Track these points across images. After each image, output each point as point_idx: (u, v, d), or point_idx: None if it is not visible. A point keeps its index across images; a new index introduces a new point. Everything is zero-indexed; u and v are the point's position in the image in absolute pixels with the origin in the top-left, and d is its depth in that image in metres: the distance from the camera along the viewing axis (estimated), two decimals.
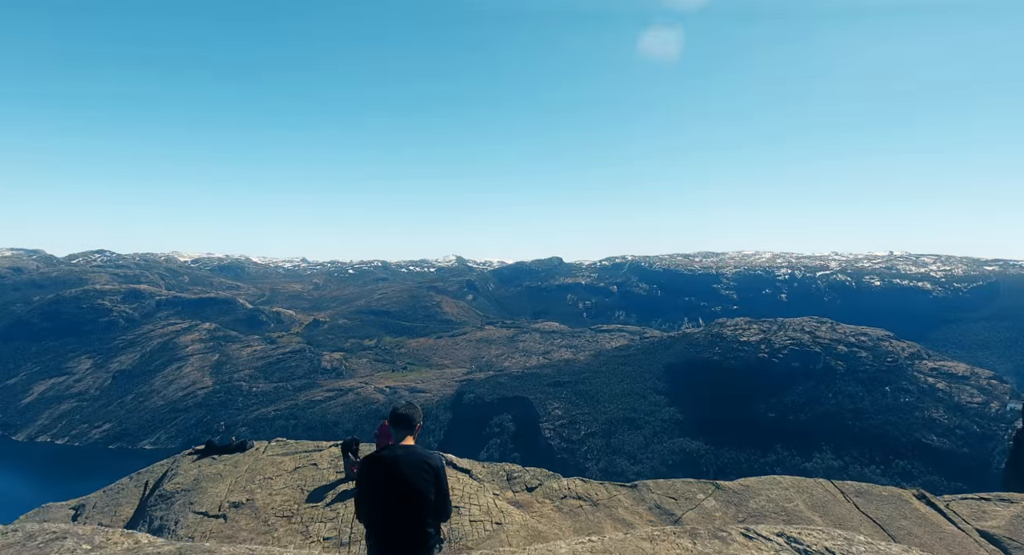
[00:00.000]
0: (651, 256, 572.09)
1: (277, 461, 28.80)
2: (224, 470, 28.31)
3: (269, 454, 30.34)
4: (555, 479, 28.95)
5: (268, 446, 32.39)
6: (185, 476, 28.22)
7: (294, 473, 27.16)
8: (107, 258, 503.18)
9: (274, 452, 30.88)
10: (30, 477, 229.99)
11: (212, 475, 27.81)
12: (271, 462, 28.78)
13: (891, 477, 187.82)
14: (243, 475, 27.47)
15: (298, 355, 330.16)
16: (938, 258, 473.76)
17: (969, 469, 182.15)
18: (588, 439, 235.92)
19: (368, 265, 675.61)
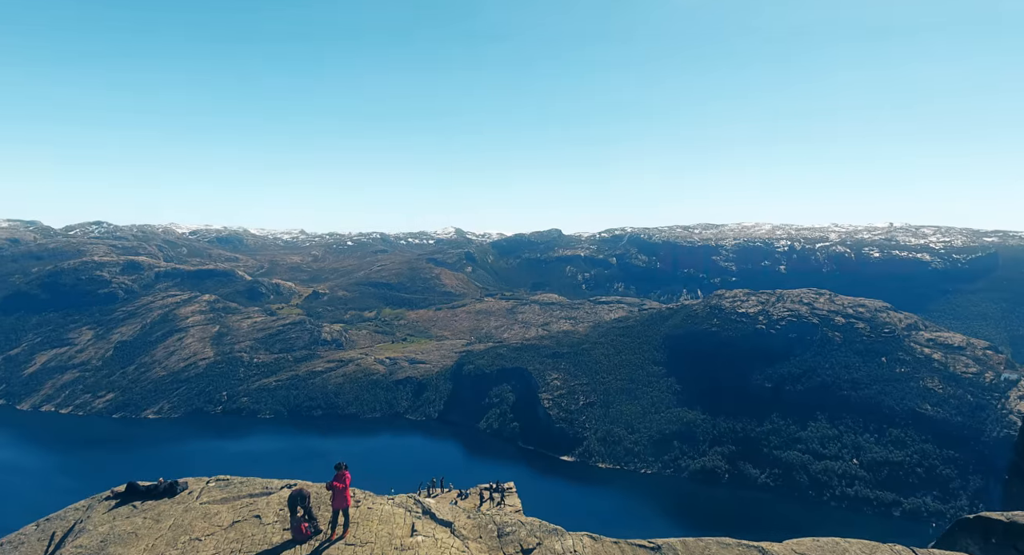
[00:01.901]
0: (650, 228, 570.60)
1: (212, 512, 23.69)
2: (143, 526, 22.69)
3: (204, 500, 25.13)
4: (558, 537, 22.89)
5: (205, 488, 26.69)
6: (92, 535, 22.22)
7: (231, 530, 22.11)
8: (104, 229, 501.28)
9: (210, 498, 25.38)
10: (38, 447, 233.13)
11: (125, 535, 22.06)
12: (204, 514, 23.62)
13: (884, 445, 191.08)
14: (164, 535, 22.04)
15: (298, 326, 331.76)
16: (938, 229, 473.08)
17: (962, 438, 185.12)
18: (587, 409, 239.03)
19: (367, 237, 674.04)
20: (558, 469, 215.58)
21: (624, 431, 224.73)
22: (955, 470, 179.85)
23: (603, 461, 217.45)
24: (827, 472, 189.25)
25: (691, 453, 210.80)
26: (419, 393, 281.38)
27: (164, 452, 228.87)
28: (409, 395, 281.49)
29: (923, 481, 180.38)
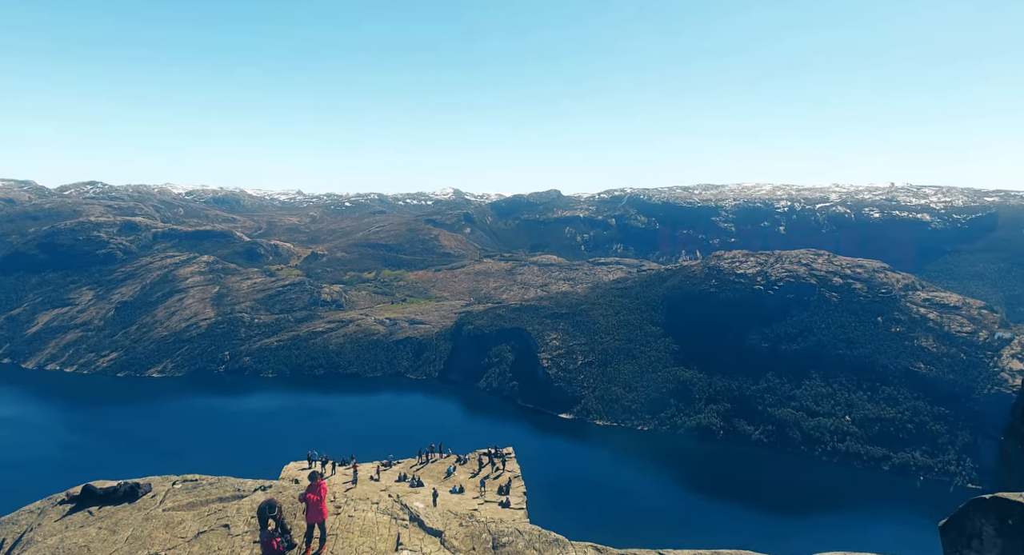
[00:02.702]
0: (650, 189, 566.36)
1: (175, 520, 21.09)
2: (96, 538, 20.09)
3: (168, 506, 22.40)
4: (559, 548, 20.69)
5: (170, 490, 23.75)
6: (39, 549, 19.81)
7: (195, 543, 19.73)
8: (100, 190, 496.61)
9: (176, 502, 22.64)
10: (46, 405, 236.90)
11: (75, 550, 19.49)
12: (166, 522, 20.94)
13: (876, 403, 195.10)
14: (120, 549, 19.46)
15: (298, 287, 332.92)
16: (939, 189, 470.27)
17: (953, 395, 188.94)
18: (585, 368, 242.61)
19: (365, 198, 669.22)
20: (557, 426, 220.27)
21: (622, 390, 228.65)
22: (944, 426, 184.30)
23: (601, 418, 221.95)
24: (819, 428, 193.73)
25: (687, 411, 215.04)
26: (419, 353, 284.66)
27: (169, 409, 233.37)
28: (409, 355, 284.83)
29: (913, 437, 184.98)
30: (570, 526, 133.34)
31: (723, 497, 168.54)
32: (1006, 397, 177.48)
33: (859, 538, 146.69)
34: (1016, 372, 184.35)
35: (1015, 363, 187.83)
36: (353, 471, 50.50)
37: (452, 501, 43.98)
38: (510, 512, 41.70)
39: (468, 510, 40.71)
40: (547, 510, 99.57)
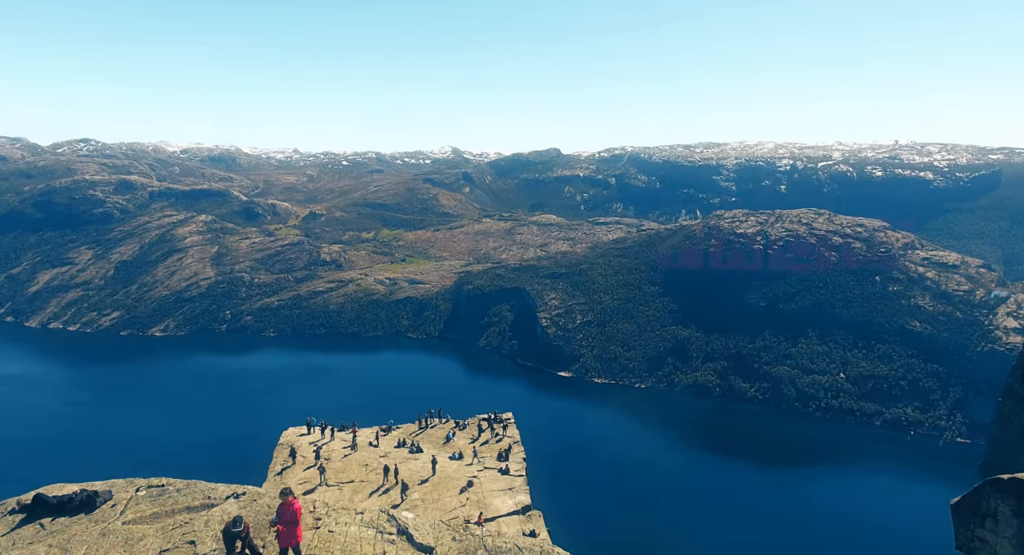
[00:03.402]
0: (651, 147, 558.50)
1: (135, 536, 18.66)
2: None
3: (129, 517, 19.88)
4: None
5: (133, 499, 21.16)
6: None
7: None
8: (93, 147, 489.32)
9: (137, 514, 20.10)
10: (52, 362, 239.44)
11: None
12: (126, 538, 18.47)
13: (871, 360, 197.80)
14: None
15: (297, 247, 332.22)
16: (943, 147, 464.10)
17: (947, 352, 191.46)
18: (583, 328, 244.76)
19: (362, 156, 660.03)
20: (556, 384, 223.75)
21: (620, 348, 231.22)
22: (937, 382, 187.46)
23: (599, 376, 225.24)
24: (814, 385, 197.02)
25: (684, 369, 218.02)
26: (419, 313, 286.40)
27: (173, 367, 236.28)
28: (410, 314, 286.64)
29: (905, 393, 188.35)
30: (568, 491, 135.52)
31: (718, 452, 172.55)
32: (999, 354, 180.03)
33: (849, 490, 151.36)
34: (1010, 330, 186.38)
35: (1009, 321, 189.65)
36: (352, 437, 50.03)
37: (451, 468, 44.03)
38: (509, 479, 41.81)
39: (467, 477, 41.25)
40: (546, 475, 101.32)
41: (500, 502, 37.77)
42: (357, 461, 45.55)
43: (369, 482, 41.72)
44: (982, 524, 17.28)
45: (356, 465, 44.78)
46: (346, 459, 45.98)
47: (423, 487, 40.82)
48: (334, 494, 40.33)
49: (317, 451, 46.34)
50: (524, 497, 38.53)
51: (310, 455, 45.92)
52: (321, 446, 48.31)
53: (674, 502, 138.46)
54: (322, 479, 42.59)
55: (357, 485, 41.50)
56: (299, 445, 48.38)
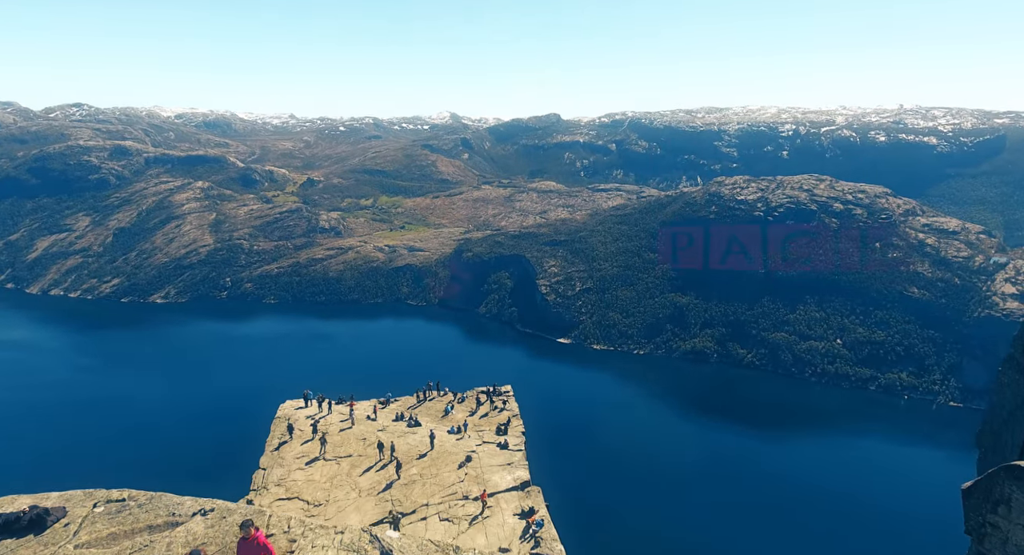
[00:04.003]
0: (652, 112, 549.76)
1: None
2: None
3: (83, 539, 17.79)
4: None
5: (89, 516, 18.99)
6: None
7: None
8: (86, 112, 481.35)
9: (92, 535, 18.00)
10: (54, 329, 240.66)
11: None
12: None
13: (868, 326, 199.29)
14: None
15: (295, 214, 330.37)
16: (949, 111, 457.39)
17: (943, 318, 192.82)
18: (583, 295, 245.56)
19: (359, 122, 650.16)
20: (555, 351, 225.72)
21: (619, 315, 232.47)
22: (932, 348, 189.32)
23: (598, 343, 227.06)
24: (811, 351, 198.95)
25: (682, 335, 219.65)
26: (419, 280, 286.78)
27: (175, 333, 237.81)
28: (409, 281, 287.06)
29: (901, 358, 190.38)
30: (567, 463, 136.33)
31: (715, 418, 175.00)
32: (995, 320, 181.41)
33: (841, 452, 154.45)
34: (1007, 296, 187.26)
35: (1007, 287, 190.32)
36: (350, 410, 49.35)
37: (450, 442, 43.67)
38: (508, 454, 41.58)
39: (466, 451, 40.89)
40: (545, 446, 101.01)
41: (499, 478, 37.72)
42: (355, 435, 45.34)
43: (367, 457, 41.68)
44: (994, 510, 17.04)
45: (354, 439, 44.68)
46: (343, 433, 45.69)
47: (421, 462, 40.52)
48: (332, 469, 40.44)
49: (315, 425, 46.01)
50: (523, 473, 38.53)
51: (307, 429, 45.77)
52: (318, 420, 47.94)
53: (672, 470, 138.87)
54: (322, 451, 42.48)
55: (355, 459, 41.44)
56: (296, 419, 47.99)
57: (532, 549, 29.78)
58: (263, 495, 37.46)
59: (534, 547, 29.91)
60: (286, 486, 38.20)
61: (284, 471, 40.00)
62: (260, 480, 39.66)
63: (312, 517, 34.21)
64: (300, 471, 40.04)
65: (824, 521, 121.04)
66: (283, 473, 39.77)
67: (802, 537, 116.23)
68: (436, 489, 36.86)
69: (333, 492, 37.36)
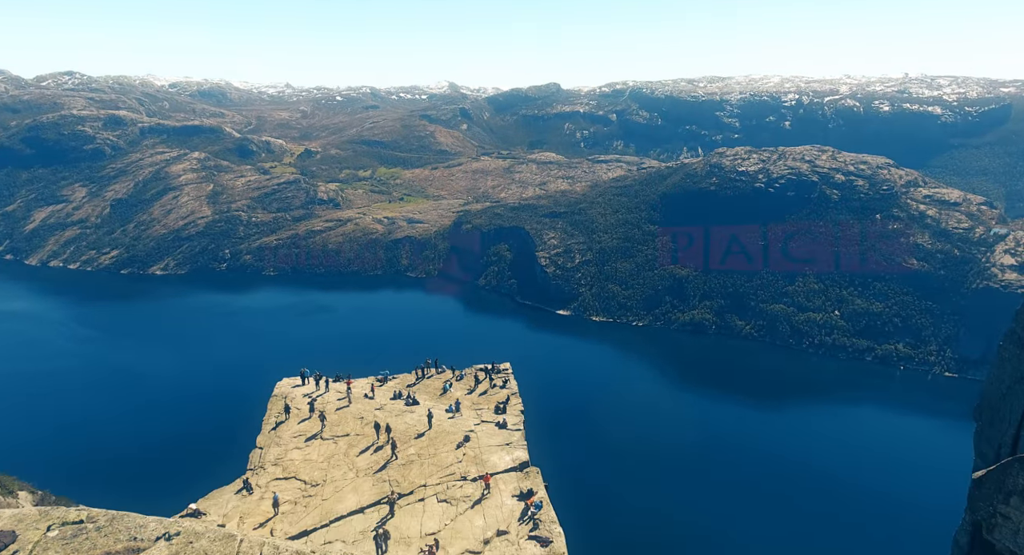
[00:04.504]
0: (653, 82, 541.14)
1: None
2: None
3: None
4: None
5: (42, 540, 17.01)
6: None
7: None
8: (79, 81, 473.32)
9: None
10: (55, 300, 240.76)
11: None
12: None
13: (866, 298, 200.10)
14: None
15: (293, 186, 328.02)
16: (954, 80, 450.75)
17: (942, 290, 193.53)
18: (582, 267, 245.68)
19: (356, 91, 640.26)
20: (554, 322, 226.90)
21: (618, 287, 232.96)
22: (929, 319, 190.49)
23: (597, 315, 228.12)
24: (808, 323, 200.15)
25: (681, 307, 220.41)
26: (418, 252, 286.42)
27: (176, 305, 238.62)
28: (409, 253, 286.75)
29: (898, 329, 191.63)
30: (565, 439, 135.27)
31: (713, 389, 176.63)
32: (993, 291, 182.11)
33: (837, 422, 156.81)
34: (1006, 267, 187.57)
35: (1007, 258, 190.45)
36: (347, 388, 48.14)
37: (448, 422, 42.87)
38: (507, 433, 40.86)
39: (464, 431, 40.41)
40: (544, 422, 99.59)
41: (497, 458, 37.14)
42: (352, 414, 44.71)
43: (364, 436, 41.14)
44: (1006, 501, 17.12)
45: (351, 418, 44.01)
46: (341, 412, 45.00)
47: (419, 442, 39.90)
48: (329, 448, 40.04)
49: (311, 403, 45.24)
50: (522, 453, 37.86)
51: (304, 407, 45.10)
52: (316, 398, 47.16)
53: (670, 446, 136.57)
54: (323, 427, 42.17)
55: (352, 439, 40.99)
56: (293, 397, 47.27)
57: (531, 531, 29.45)
58: (260, 474, 37.30)
59: (533, 529, 29.58)
60: (283, 465, 37.97)
61: (281, 450, 39.78)
62: (257, 459, 39.39)
63: (309, 496, 34.29)
64: (297, 450, 39.84)
65: (819, 492, 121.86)
66: (280, 452, 39.54)
67: (799, 509, 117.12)
68: (434, 469, 36.40)
69: (331, 472, 37.16)
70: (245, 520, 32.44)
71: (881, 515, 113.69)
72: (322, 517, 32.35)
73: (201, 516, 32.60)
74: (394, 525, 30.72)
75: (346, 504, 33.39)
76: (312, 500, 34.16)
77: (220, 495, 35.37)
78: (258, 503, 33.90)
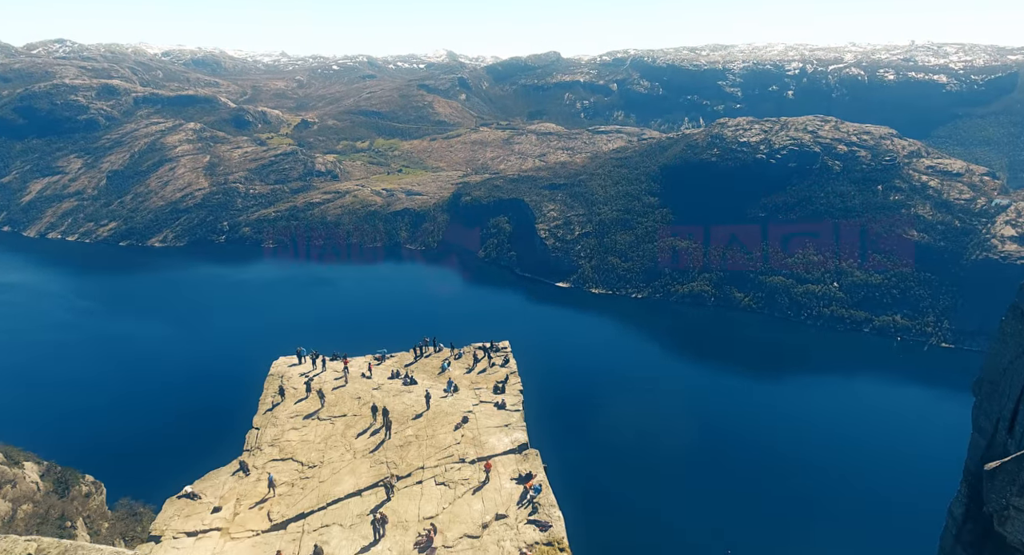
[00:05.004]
0: (655, 50, 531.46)
1: None
2: None
3: None
4: None
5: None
6: None
7: None
8: (70, 49, 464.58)
9: None
10: (55, 272, 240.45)
11: None
12: None
13: (865, 270, 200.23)
14: None
15: (291, 157, 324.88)
16: (961, 47, 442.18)
17: (941, 261, 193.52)
18: (582, 239, 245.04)
19: (353, 60, 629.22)
20: (554, 295, 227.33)
21: (618, 259, 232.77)
22: (928, 290, 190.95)
23: (596, 287, 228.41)
24: (807, 295, 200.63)
25: (680, 279, 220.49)
26: (417, 224, 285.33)
27: (176, 278, 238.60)
28: (408, 226, 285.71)
29: (896, 301, 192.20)
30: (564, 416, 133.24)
31: (712, 360, 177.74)
32: (992, 262, 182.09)
33: (830, 392, 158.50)
34: (1006, 238, 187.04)
35: (1007, 230, 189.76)
36: (344, 367, 47.40)
37: (446, 402, 41.88)
38: (505, 414, 39.82)
39: (462, 412, 39.62)
40: (543, 404, 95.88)
41: (496, 440, 36.37)
42: (349, 393, 43.88)
43: (361, 416, 40.35)
44: (1021, 494, 16.74)
45: (349, 398, 43.17)
46: (338, 392, 44.17)
47: (417, 423, 39.19)
48: (326, 428, 39.36)
49: (308, 383, 44.53)
50: (521, 434, 37.00)
51: (301, 387, 44.38)
52: (312, 377, 46.38)
53: (669, 425, 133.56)
54: (322, 404, 41.71)
55: (349, 419, 40.23)
56: (289, 376, 46.70)
57: (530, 515, 28.89)
58: (256, 455, 36.87)
59: (532, 513, 29.03)
60: (280, 446, 37.50)
61: (278, 431, 39.25)
62: (253, 440, 38.89)
63: (306, 478, 34.07)
64: (294, 431, 39.26)
65: (815, 463, 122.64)
66: (277, 433, 39.05)
67: (796, 482, 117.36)
68: (432, 451, 35.77)
69: (328, 453, 36.65)
70: (241, 502, 32.30)
71: (877, 486, 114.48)
72: (319, 500, 32.04)
73: (197, 499, 32.50)
74: (392, 509, 30.35)
75: (343, 486, 33.01)
76: (309, 482, 33.72)
77: (216, 476, 35.06)
78: (254, 485, 33.62)
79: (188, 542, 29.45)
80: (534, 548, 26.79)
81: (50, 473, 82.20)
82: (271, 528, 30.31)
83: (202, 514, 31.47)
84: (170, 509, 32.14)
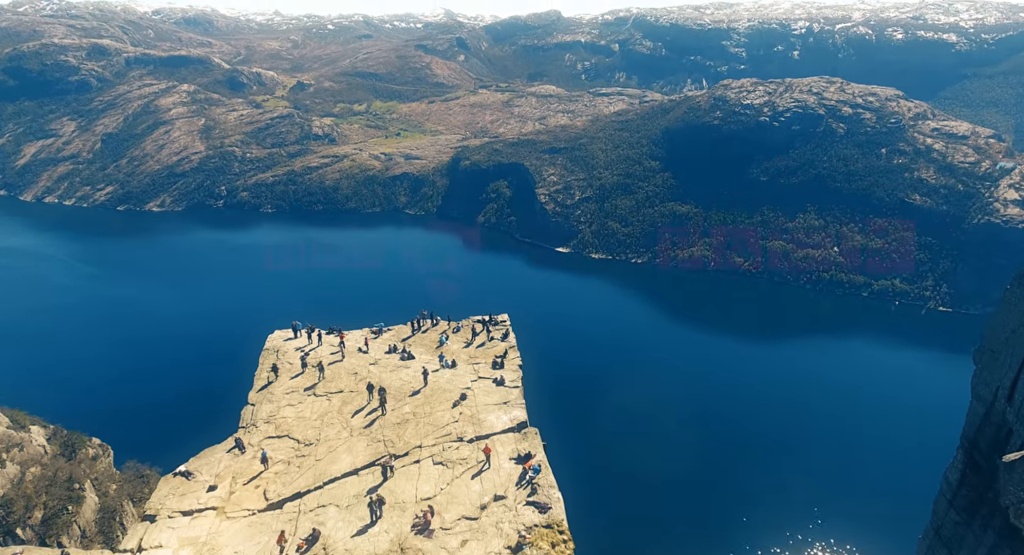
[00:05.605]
0: (658, 9, 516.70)
1: None
2: None
3: None
4: None
5: None
6: None
7: None
8: (57, 7, 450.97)
9: None
10: (54, 237, 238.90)
11: None
12: None
13: (866, 234, 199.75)
14: None
15: (287, 120, 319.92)
16: (973, 4, 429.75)
17: (943, 225, 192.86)
18: (582, 204, 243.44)
19: (348, 19, 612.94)
20: (553, 260, 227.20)
21: (618, 224, 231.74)
22: (928, 254, 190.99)
23: (596, 252, 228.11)
24: (807, 259, 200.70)
25: (681, 244, 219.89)
26: (416, 189, 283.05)
27: (176, 243, 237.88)
28: (407, 190, 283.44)
29: (896, 265, 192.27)
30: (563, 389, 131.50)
31: (711, 325, 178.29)
32: (994, 226, 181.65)
33: (827, 356, 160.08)
34: (1009, 201, 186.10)
35: (1010, 193, 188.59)
36: (340, 342, 46.23)
37: (444, 378, 40.89)
38: (504, 391, 38.80)
39: (460, 389, 38.84)
40: (543, 377, 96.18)
41: (494, 418, 35.49)
42: (346, 369, 42.80)
43: (358, 393, 39.50)
44: None
45: (345, 373, 42.12)
46: (334, 366, 43.19)
47: (415, 399, 38.30)
48: (322, 405, 38.55)
49: (304, 358, 43.58)
50: (520, 412, 36.15)
51: (297, 362, 43.35)
52: (308, 352, 45.35)
53: (669, 388, 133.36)
54: (320, 378, 41.04)
55: (346, 396, 39.35)
56: (285, 351, 45.70)
57: (529, 496, 28.45)
58: (252, 432, 36.25)
59: (531, 494, 28.57)
60: (275, 423, 36.79)
61: (273, 407, 38.49)
62: (249, 416, 38.26)
63: (302, 456, 33.38)
64: (290, 407, 38.47)
65: (814, 427, 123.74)
66: (272, 409, 38.33)
67: (796, 448, 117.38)
68: (430, 429, 34.97)
69: (324, 430, 35.91)
70: (237, 479, 31.98)
71: (873, 450, 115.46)
72: (315, 478, 31.55)
73: (191, 477, 32.22)
74: (389, 489, 29.81)
75: (340, 465, 32.43)
76: (305, 460, 33.08)
77: (212, 454, 34.58)
78: (250, 462, 33.27)
79: (183, 521, 29.25)
80: (533, 531, 26.33)
81: (57, 436, 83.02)
82: (267, 508, 30.14)
83: (197, 493, 31.15)
84: (165, 488, 31.89)
